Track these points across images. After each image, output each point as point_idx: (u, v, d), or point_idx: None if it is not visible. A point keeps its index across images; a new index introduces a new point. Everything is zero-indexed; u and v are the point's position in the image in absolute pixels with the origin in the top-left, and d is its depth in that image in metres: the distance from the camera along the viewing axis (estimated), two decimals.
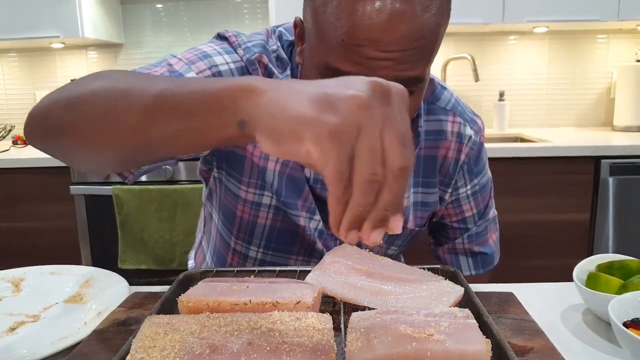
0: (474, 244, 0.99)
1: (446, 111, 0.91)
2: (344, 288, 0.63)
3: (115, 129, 0.53)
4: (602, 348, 0.66)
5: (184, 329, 0.48)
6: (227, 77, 0.73)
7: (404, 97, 0.44)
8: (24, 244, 2.32)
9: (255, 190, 0.87)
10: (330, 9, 0.65)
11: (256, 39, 0.84)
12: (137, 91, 0.52)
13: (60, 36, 2.43)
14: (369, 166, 0.40)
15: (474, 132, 0.93)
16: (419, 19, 0.64)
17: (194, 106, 0.48)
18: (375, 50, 0.64)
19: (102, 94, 0.55)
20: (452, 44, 2.76)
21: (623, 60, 2.72)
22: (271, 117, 0.43)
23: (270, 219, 0.89)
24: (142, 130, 0.51)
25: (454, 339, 0.46)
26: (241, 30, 0.90)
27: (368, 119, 0.40)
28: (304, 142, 0.41)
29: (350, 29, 0.64)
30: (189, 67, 0.78)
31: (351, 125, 0.40)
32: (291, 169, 0.86)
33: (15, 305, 0.79)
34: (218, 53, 0.81)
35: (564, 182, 2.14)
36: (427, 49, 0.67)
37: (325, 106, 0.41)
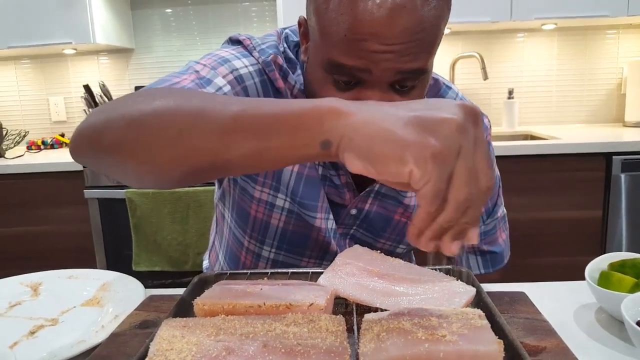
0: (482, 242, 0.99)
1: None
2: (356, 289, 0.63)
3: (192, 149, 0.54)
4: (616, 347, 0.66)
5: (200, 332, 0.49)
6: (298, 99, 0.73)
7: (481, 120, 0.47)
8: (39, 248, 2.35)
9: (269, 191, 0.88)
10: (332, 5, 0.67)
11: (269, 40, 0.85)
12: (213, 112, 0.53)
13: (72, 42, 2.46)
14: (467, 186, 0.44)
15: None
16: (419, 12, 0.65)
17: (275, 127, 0.50)
18: (378, 44, 0.65)
19: (169, 114, 0.55)
20: (460, 43, 2.75)
21: (633, 55, 2.70)
22: (367, 139, 0.45)
23: (283, 221, 0.90)
24: (221, 151, 0.52)
25: (466, 339, 0.47)
26: (249, 33, 0.91)
27: (465, 142, 0.44)
28: (407, 164, 0.44)
29: (352, 24, 0.65)
30: (215, 72, 0.79)
31: (452, 148, 0.43)
32: (309, 169, 0.86)
33: (34, 309, 0.81)
34: (236, 57, 0.83)
35: (575, 179, 2.13)
36: (428, 41, 0.68)
37: (425, 129, 0.44)
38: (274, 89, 0.83)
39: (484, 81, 2.61)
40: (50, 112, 2.93)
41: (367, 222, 0.93)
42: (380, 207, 0.91)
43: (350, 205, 0.90)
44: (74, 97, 2.89)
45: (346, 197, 0.89)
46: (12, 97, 2.96)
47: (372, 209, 0.91)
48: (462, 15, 2.36)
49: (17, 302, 0.83)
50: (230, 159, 0.52)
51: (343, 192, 0.88)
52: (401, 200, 0.91)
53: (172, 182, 0.59)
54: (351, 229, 0.93)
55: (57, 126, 2.94)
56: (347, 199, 0.89)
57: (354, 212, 0.91)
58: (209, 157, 0.53)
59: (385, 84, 0.70)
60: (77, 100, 2.83)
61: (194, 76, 0.77)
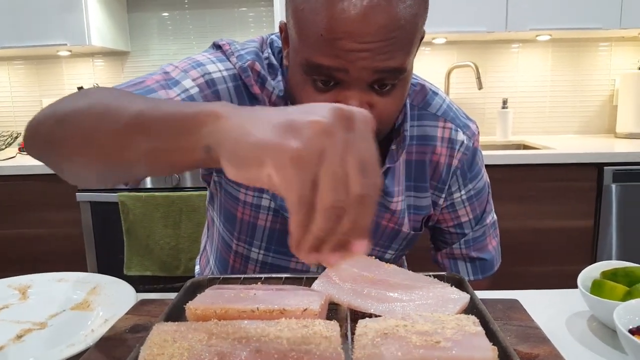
0: (471, 249, 0.99)
1: (437, 117, 0.92)
2: (351, 295, 0.63)
3: (96, 147, 0.55)
4: (608, 355, 0.66)
5: (192, 337, 0.49)
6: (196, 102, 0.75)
7: (368, 123, 0.44)
8: (30, 250, 2.33)
9: (254, 193, 0.89)
10: (309, 6, 0.67)
11: (249, 46, 0.86)
12: (116, 111, 0.54)
13: (67, 44, 2.45)
14: (332, 193, 0.40)
15: (466, 137, 0.93)
16: (394, 10, 0.66)
17: (164, 129, 0.49)
18: (353, 43, 0.66)
19: (87, 113, 0.57)
20: (455, 52, 2.77)
21: (626, 67, 2.73)
22: (234, 143, 0.43)
23: (270, 220, 0.90)
24: (118, 150, 0.53)
25: (460, 346, 0.46)
26: (246, 38, 0.92)
27: (330, 145, 0.40)
28: (265, 167, 0.41)
29: (327, 24, 0.66)
30: (185, 74, 0.81)
31: (313, 151, 0.40)
32: None
33: (22, 313, 0.79)
34: (211, 61, 0.83)
35: (567, 189, 2.14)
36: (404, 39, 0.69)
37: (288, 132, 0.41)
38: (249, 94, 0.83)
39: (479, 91, 2.63)
40: None
41: None
42: None
43: None
44: None
45: None
46: (5, 98, 2.94)
47: None
48: (457, 25, 2.38)
49: (4, 305, 0.82)
50: (130, 160, 0.53)
51: None
52: (387, 205, 0.91)
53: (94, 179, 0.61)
54: None
55: None
56: None
57: None
58: (112, 157, 0.54)
59: (364, 84, 0.70)
60: None
61: (161, 77, 0.79)
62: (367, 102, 0.72)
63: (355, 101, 0.70)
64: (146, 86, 0.78)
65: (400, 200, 0.91)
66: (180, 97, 0.79)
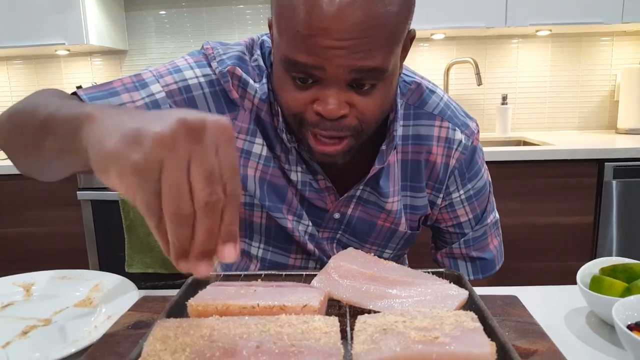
0: (471, 249, 0.98)
1: (433, 116, 0.90)
2: (350, 292, 0.64)
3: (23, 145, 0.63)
4: (606, 351, 0.67)
5: (194, 332, 0.50)
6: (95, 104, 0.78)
7: (222, 132, 0.44)
8: (31, 249, 2.34)
9: (245, 192, 0.89)
10: (288, 2, 0.67)
11: (233, 50, 0.86)
12: (37, 113, 0.59)
13: (65, 43, 2.45)
14: (172, 201, 0.41)
15: (465, 136, 0.92)
16: (371, 7, 0.65)
17: (62, 131, 0.53)
18: (328, 39, 0.66)
19: (20, 113, 0.64)
20: (454, 48, 2.77)
21: (627, 62, 2.72)
22: (91, 149, 0.45)
23: (265, 217, 0.91)
24: (36, 148, 0.59)
25: (459, 341, 0.47)
26: (244, 36, 0.92)
27: (170, 156, 0.41)
28: (110, 176, 0.43)
29: (303, 19, 0.66)
30: (157, 79, 0.83)
31: (152, 162, 0.41)
32: (271, 175, 0.88)
33: (26, 310, 0.80)
34: (190, 67, 0.84)
35: (567, 185, 2.14)
36: (382, 38, 0.68)
37: (132, 142, 0.42)
38: (227, 100, 0.84)
39: (478, 87, 2.63)
40: None
41: (351, 227, 0.93)
42: (363, 213, 0.92)
43: (333, 210, 0.91)
44: None
45: (327, 201, 0.90)
46: (4, 97, 2.94)
47: (354, 214, 0.92)
48: (457, 21, 2.37)
49: (9, 302, 0.83)
50: (46, 157, 0.57)
51: (324, 196, 0.89)
52: (382, 205, 0.91)
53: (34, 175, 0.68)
54: (337, 234, 0.94)
55: None
56: (328, 203, 0.90)
57: (337, 216, 0.92)
58: (34, 154, 0.60)
59: (343, 82, 0.70)
60: None
61: (130, 80, 0.82)
62: (347, 101, 0.72)
63: (334, 100, 0.70)
64: (111, 88, 0.81)
65: (396, 201, 0.91)
66: (145, 102, 0.81)
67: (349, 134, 0.75)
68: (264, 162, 0.87)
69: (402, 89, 0.90)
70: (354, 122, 0.74)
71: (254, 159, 0.87)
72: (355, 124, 0.74)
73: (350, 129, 0.74)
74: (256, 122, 0.86)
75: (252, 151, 0.86)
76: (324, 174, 0.87)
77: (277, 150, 0.87)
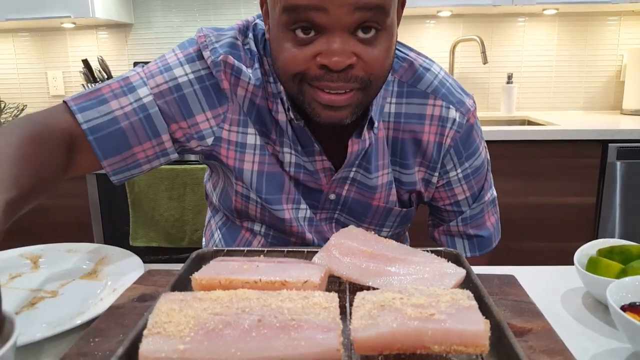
0: (469, 226, 0.99)
1: (426, 94, 0.89)
2: (350, 269, 0.65)
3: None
4: (600, 330, 0.68)
5: (197, 306, 0.51)
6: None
7: None
8: (37, 221, 2.37)
9: (242, 183, 0.91)
10: None
11: (226, 36, 0.86)
12: None
13: (71, 16, 2.44)
14: None
15: (459, 114, 0.90)
16: None
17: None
18: None
19: None
20: (461, 26, 2.74)
21: (634, 42, 2.70)
22: None
23: (259, 212, 0.94)
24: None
25: (454, 318, 0.48)
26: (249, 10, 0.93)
27: None
28: None
29: None
30: (144, 81, 0.84)
31: None
32: (268, 165, 0.89)
33: (34, 281, 0.82)
34: (180, 64, 0.85)
35: (570, 165, 2.14)
36: None
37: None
38: (217, 92, 0.85)
39: (484, 65, 2.61)
40: (49, 86, 2.92)
41: (347, 207, 0.94)
42: (357, 194, 0.93)
43: (328, 191, 0.92)
44: (72, 72, 2.88)
45: (322, 182, 0.91)
46: (10, 71, 2.94)
47: (349, 195, 0.93)
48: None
49: (17, 274, 0.85)
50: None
51: (318, 178, 0.90)
52: (371, 184, 0.91)
53: None
54: (335, 213, 0.95)
55: (55, 100, 2.93)
56: (323, 184, 0.91)
57: (332, 197, 0.93)
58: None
59: (346, 29, 0.69)
60: (76, 74, 2.82)
61: (118, 84, 0.84)
62: (352, 51, 0.71)
63: (339, 48, 0.69)
64: (100, 95, 0.82)
65: (386, 173, 0.91)
66: (133, 107, 0.83)
67: (357, 86, 0.74)
68: (259, 151, 0.88)
69: (394, 65, 0.89)
70: (361, 73, 0.73)
71: (250, 151, 0.88)
72: (362, 75, 0.73)
73: (358, 80, 0.73)
74: (248, 111, 0.87)
75: (246, 142, 0.87)
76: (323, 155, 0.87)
77: (272, 134, 0.88)
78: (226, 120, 0.86)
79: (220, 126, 0.87)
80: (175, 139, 0.87)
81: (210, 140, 0.87)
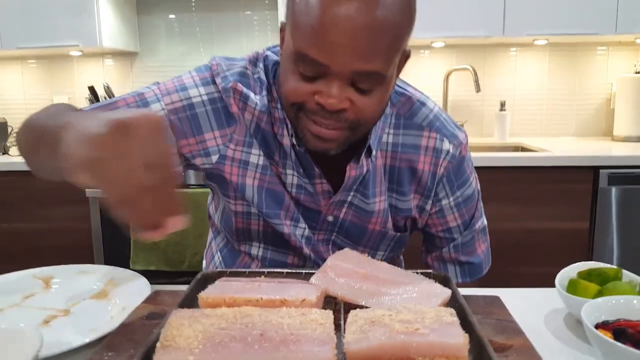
0: (460, 253, 1.03)
1: (422, 127, 0.96)
2: (344, 289, 0.70)
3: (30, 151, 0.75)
4: (578, 348, 0.72)
5: (205, 321, 0.56)
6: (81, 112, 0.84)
7: (152, 125, 0.53)
8: (40, 244, 2.40)
9: (242, 202, 0.96)
10: (306, 0, 0.75)
11: (236, 66, 0.93)
12: (35, 124, 0.72)
13: (79, 45, 2.52)
14: (113, 189, 0.52)
15: (453, 146, 0.97)
16: (378, 13, 0.73)
17: (49, 140, 0.63)
18: (338, 36, 0.73)
19: (30, 123, 0.76)
20: (454, 56, 2.82)
21: (623, 71, 2.77)
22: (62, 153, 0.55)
23: (262, 225, 0.98)
24: (44, 157, 0.69)
25: (436, 333, 0.54)
26: (251, 41, 1.00)
27: (105, 153, 0.51)
28: (71, 174, 0.53)
29: (318, 16, 0.73)
30: (159, 98, 0.91)
31: (92, 160, 0.51)
32: (268, 182, 0.95)
33: (46, 301, 0.87)
34: (195, 85, 0.92)
35: (563, 191, 2.18)
36: (384, 43, 0.75)
37: (79, 145, 0.52)
38: (227, 114, 0.92)
39: (477, 93, 2.68)
40: None
41: (344, 230, 1.00)
42: (354, 217, 0.98)
43: (326, 212, 0.97)
44: (78, 98, 2.95)
45: (321, 204, 0.96)
46: (18, 96, 3.01)
47: (347, 218, 0.98)
48: (456, 30, 2.43)
49: (30, 293, 0.89)
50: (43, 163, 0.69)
51: (317, 200, 0.96)
52: (368, 209, 0.97)
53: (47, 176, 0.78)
54: (332, 235, 1.00)
55: None
56: (322, 206, 0.96)
57: (330, 219, 0.98)
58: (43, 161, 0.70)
59: (345, 80, 0.77)
60: (82, 100, 2.88)
61: (133, 99, 0.90)
62: (347, 97, 0.78)
63: (336, 93, 0.77)
64: (115, 107, 0.89)
65: (382, 200, 0.97)
66: None
67: (346, 126, 0.81)
68: (261, 170, 0.94)
69: (393, 99, 0.96)
70: (352, 116, 0.80)
71: (252, 169, 0.94)
72: (353, 118, 0.80)
73: (348, 122, 0.81)
74: (254, 133, 0.93)
75: (249, 161, 0.93)
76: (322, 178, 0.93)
77: (276, 156, 0.93)
78: (232, 140, 0.93)
79: (226, 145, 0.93)
80: (181, 154, 0.93)
81: (215, 158, 0.93)
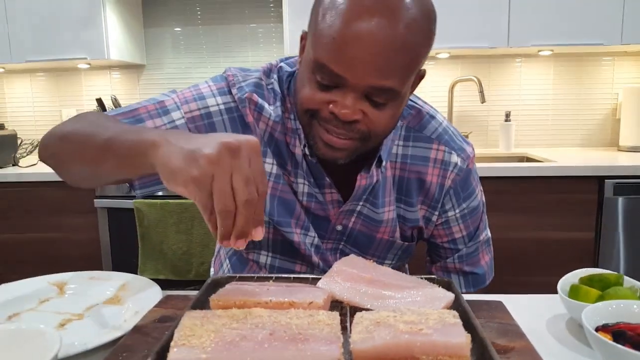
0: (464, 264, 1.06)
1: (431, 140, 0.99)
2: (350, 293, 0.72)
3: (82, 160, 0.78)
4: (579, 350, 0.74)
5: (217, 322, 0.59)
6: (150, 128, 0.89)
7: (253, 148, 0.62)
8: (48, 254, 2.43)
9: None
10: (330, 12, 0.77)
11: (251, 77, 0.96)
12: (96, 135, 0.75)
13: (87, 58, 2.57)
14: (220, 202, 0.59)
15: (460, 159, 1.00)
16: (399, 32, 0.75)
17: (125, 152, 0.70)
18: (358, 50, 0.75)
19: (78, 134, 0.79)
20: (459, 67, 2.85)
21: (628, 81, 2.78)
22: (162, 166, 0.63)
23: (272, 232, 1.00)
24: (96, 164, 0.75)
25: (439, 333, 0.56)
26: (256, 53, 1.03)
27: (217, 170, 0.58)
28: (179, 186, 0.60)
29: (340, 29, 0.76)
30: (178, 106, 0.93)
31: (205, 175, 0.58)
32: (280, 191, 0.97)
33: (61, 306, 0.89)
34: (212, 95, 0.95)
35: (568, 201, 2.20)
36: (402, 63, 0.78)
37: (191, 161, 0.59)
38: (243, 124, 0.95)
39: (482, 104, 2.70)
40: None
41: (352, 239, 1.02)
42: (363, 226, 1.00)
43: (336, 221, 0.99)
44: (86, 110, 2.99)
45: (330, 213, 0.98)
46: (27, 108, 3.06)
47: (355, 227, 1.00)
48: (461, 41, 2.45)
49: (45, 298, 0.92)
50: (104, 171, 0.75)
51: (327, 208, 0.98)
52: (380, 218, 0.99)
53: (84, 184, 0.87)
54: (340, 244, 1.02)
55: None
56: (331, 215, 0.99)
57: (339, 228, 1.00)
58: (92, 168, 0.77)
59: (360, 93, 0.79)
60: None
61: (153, 107, 0.93)
62: (361, 109, 0.81)
63: (350, 104, 0.79)
64: (137, 114, 0.92)
65: (391, 210, 1.00)
66: (166, 127, 0.92)
67: (357, 137, 0.84)
68: (274, 179, 0.96)
69: (404, 112, 0.98)
70: (364, 128, 0.83)
71: None
72: (364, 129, 0.83)
73: (359, 133, 0.83)
74: (268, 143, 0.95)
75: None
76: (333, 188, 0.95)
77: (288, 166, 0.96)
78: None
79: None
80: None
81: None
